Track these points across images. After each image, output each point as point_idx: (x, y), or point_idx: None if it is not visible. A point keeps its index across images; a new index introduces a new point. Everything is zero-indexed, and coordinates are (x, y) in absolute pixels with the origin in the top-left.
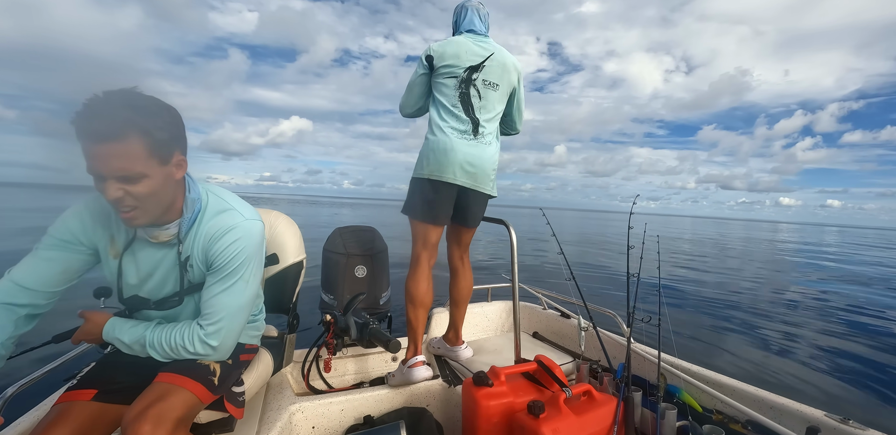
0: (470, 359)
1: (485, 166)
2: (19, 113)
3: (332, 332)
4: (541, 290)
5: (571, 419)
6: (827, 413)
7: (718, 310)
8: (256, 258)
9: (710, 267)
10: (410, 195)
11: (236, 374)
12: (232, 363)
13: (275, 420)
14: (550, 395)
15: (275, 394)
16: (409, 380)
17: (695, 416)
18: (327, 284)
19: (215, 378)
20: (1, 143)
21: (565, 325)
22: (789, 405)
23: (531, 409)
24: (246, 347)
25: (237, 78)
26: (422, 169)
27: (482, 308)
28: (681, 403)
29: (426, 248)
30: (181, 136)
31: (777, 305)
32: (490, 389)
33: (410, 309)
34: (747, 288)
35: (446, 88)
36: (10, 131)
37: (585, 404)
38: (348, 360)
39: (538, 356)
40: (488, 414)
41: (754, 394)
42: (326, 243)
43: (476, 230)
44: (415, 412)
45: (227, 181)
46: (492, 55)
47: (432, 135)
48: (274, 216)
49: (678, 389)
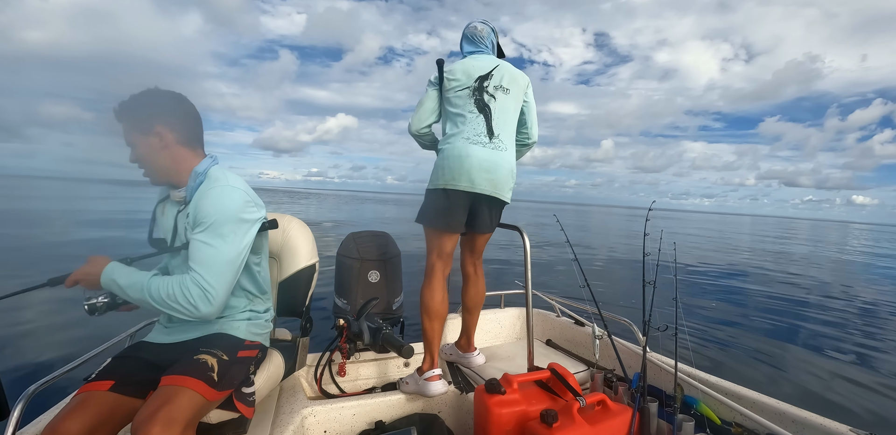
0: (482, 366)
1: (502, 171)
2: (96, 115)
3: (345, 336)
4: (554, 296)
5: (585, 429)
6: (852, 428)
7: (757, 317)
8: (235, 220)
9: (761, 268)
10: (425, 204)
11: (240, 371)
12: (229, 359)
13: (287, 423)
14: (564, 404)
15: (287, 397)
16: (424, 392)
17: (713, 428)
18: (341, 288)
19: (214, 374)
20: (81, 143)
21: (579, 332)
22: (812, 419)
23: (544, 418)
24: (246, 343)
25: (287, 78)
26: (437, 180)
27: (495, 315)
28: (698, 415)
29: (441, 257)
30: (165, 114)
31: (830, 313)
32: (502, 397)
33: (426, 320)
34: (798, 293)
35: (459, 100)
36: (88, 132)
37: (600, 414)
38: (361, 365)
39: (551, 364)
40: (500, 422)
41: (775, 407)
42: (340, 248)
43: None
44: (426, 419)
45: (278, 177)
46: (498, 66)
47: (446, 144)
48: (287, 220)
49: (696, 400)
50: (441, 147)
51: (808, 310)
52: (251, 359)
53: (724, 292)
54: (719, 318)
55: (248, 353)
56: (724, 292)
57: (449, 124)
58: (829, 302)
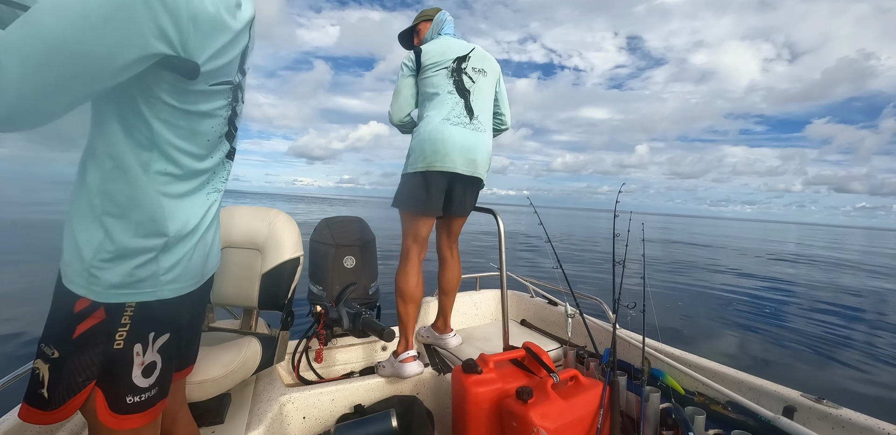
0: (459, 347)
1: (482, 152)
2: None
3: (322, 322)
4: (529, 278)
5: (559, 404)
6: (802, 393)
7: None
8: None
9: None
10: (401, 188)
11: (83, 360)
12: (62, 353)
13: (265, 411)
14: (538, 380)
15: (265, 386)
16: (400, 374)
17: (677, 398)
18: (316, 274)
19: (44, 390)
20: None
21: (553, 312)
22: (767, 387)
23: (520, 394)
24: (79, 300)
25: (321, 87)
26: (416, 163)
27: (471, 297)
28: (664, 387)
29: (416, 242)
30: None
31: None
32: (479, 376)
33: (401, 304)
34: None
35: (438, 80)
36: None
37: (572, 389)
38: (337, 350)
39: (526, 343)
40: (478, 401)
41: (734, 376)
42: (314, 234)
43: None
44: (405, 400)
45: (311, 184)
46: (475, 48)
47: (424, 126)
48: (273, 214)
49: (662, 372)
50: (418, 129)
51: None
52: (102, 329)
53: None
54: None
55: (91, 321)
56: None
57: (427, 105)
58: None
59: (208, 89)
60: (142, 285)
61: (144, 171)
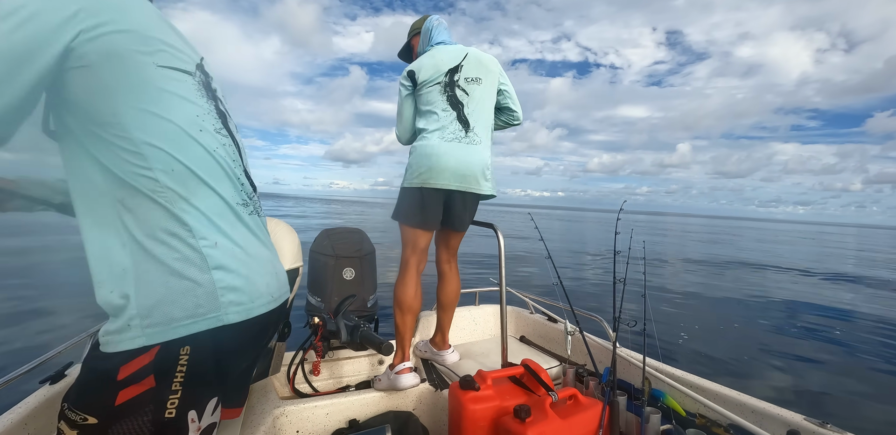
0: (457, 363)
1: (474, 167)
2: None
3: (320, 334)
4: (528, 294)
5: (557, 423)
6: (806, 417)
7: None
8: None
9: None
10: (400, 201)
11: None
12: (101, 420)
13: (258, 424)
14: (537, 399)
15: (258, 398)
16: (395, 386)
17: (678, 420)
18: (314, 286)
19: None
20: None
21: (552, 329)
22: (770, 410)
23: (517, 413)
24: (124, 364)
25: (357, 92)
26: (412, 178)
27: (470, 312)
28: (665, 408)
29: (415, 253)
30: None
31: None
32: (477, 393)
33: (398, 314)
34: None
35: (432, 96)
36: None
37: (571, 408)
38: (334, 363)
39: (525, 360)
40: (475, 418)
41: (736, 398)
42: (314, 245)
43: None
44: (401, 416)
45: (347, 186)
46: (467, 54)
47: (420, 142)
48: (273, 223)
49: (663, 393)
50: (415, 144)
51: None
52: (144, 378)
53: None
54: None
55: (131, 369)
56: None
57: (422, 121)
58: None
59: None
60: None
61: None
